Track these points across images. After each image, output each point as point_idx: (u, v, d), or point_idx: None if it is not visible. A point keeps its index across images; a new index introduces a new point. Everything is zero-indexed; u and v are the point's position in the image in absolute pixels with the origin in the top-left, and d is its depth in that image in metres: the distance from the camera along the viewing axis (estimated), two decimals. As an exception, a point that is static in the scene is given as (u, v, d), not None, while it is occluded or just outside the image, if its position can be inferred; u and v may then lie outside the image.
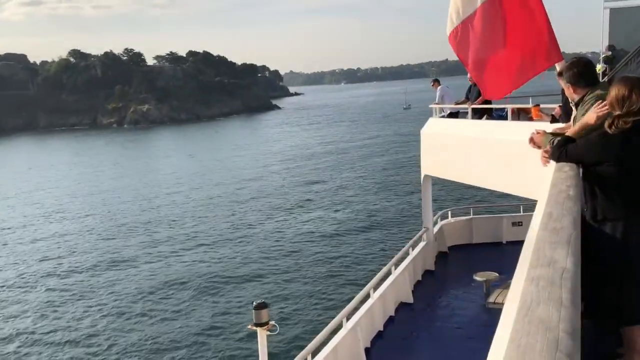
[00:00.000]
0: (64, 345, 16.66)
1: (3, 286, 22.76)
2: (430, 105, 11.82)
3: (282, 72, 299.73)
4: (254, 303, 6.42)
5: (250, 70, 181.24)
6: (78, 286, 21.84)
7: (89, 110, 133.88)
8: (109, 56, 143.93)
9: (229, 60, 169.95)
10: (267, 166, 51.16)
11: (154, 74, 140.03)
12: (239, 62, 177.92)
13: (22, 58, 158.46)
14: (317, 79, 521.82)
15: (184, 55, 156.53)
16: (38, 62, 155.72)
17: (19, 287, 22.41)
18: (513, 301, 2.33)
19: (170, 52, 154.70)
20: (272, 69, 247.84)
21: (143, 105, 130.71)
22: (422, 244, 11.92)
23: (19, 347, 16.83)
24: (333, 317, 8.45)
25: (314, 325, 15.08)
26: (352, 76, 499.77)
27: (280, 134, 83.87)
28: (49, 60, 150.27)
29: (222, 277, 21.31)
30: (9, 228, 32.98)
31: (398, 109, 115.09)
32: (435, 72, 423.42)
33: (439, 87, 12.30)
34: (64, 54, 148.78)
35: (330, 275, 20.24)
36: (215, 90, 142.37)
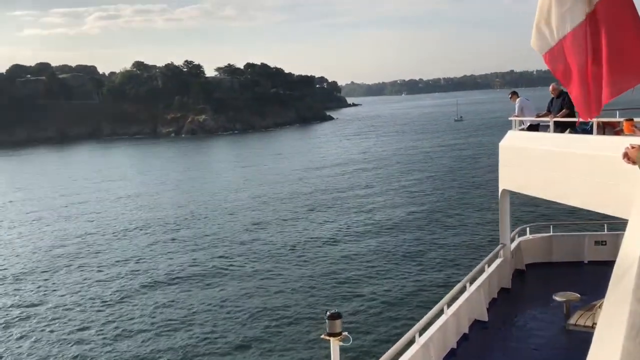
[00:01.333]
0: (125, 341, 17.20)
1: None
2: (510, 118, 11.52)
3: (343, 83, 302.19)
4: (328, 313, 6.30)
5: (306, 81, 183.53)
6: (139, 284, 22.65)
7: (149, 119, 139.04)
8: (169, 68, 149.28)
9: (285, 72, 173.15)
10: (320, 170, 52.15)
11: (211, 85, 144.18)
12: (301, 73, 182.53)
13: (91, 69, 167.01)
14: (378, 89, 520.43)
15: (242, 67, 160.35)
16: (107, 73, 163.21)
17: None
18: (610, 322, 2.20)
19: (229, 64, 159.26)
20: (332, 79, 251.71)
21: (200, 116, 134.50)
22: (498, 261, 11.53)
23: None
24: (405, 331, 8.29)
25: (385, 337, 14.95)
26: (414, 87, 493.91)
27: (327, 143, 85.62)
28: (117, 71, 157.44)
29: (295, 286, 21.46)
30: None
31: (450, 121, 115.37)
32: (499, 83, 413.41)
33: (518, 99, 11.95)
34: (130, 65, 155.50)
35: (402, 289, 20.08)
36: (270, 101, 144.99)
